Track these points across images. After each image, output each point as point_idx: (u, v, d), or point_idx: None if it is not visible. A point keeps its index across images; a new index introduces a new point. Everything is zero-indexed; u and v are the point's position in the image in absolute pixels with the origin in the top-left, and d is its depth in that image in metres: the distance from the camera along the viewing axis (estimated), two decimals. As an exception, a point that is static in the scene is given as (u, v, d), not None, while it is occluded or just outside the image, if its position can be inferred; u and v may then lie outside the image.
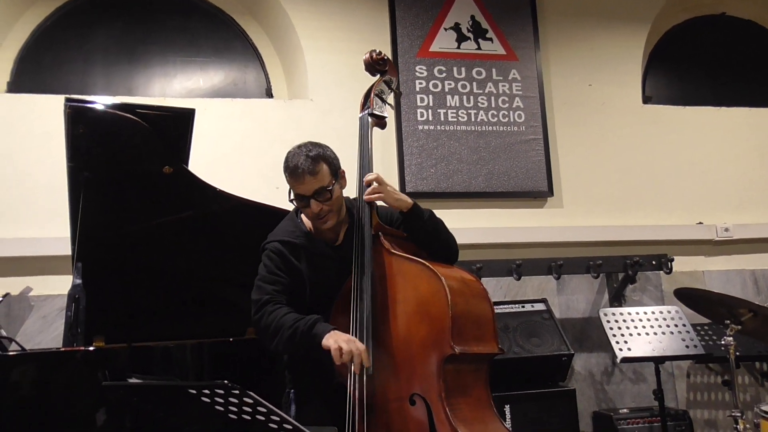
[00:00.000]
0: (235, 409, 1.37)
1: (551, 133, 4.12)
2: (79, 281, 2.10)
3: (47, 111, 3.46)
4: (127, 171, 2.38)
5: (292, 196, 2.08)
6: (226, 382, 1.27)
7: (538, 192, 4.02)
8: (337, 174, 2.09)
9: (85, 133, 2.21)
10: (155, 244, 2.54)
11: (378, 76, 2.32)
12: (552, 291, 3.93)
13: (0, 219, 3.38)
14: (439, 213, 3.77)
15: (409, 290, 1.92)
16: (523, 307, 3.57)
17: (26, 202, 3.41)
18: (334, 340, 1.84)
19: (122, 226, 2.45)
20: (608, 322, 3.30)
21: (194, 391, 1.34)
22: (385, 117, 2.28)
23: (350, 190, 2.30)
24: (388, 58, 2.34)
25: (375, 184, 2.02)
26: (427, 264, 1.93)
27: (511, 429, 3.10)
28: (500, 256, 3.79)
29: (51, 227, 3.30)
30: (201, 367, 2.26)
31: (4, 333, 2.80)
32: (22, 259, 3.30)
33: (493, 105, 4.03)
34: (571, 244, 3.96)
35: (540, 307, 3.60)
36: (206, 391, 1.33)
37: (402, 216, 2.08)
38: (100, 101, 2.29)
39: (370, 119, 2.22)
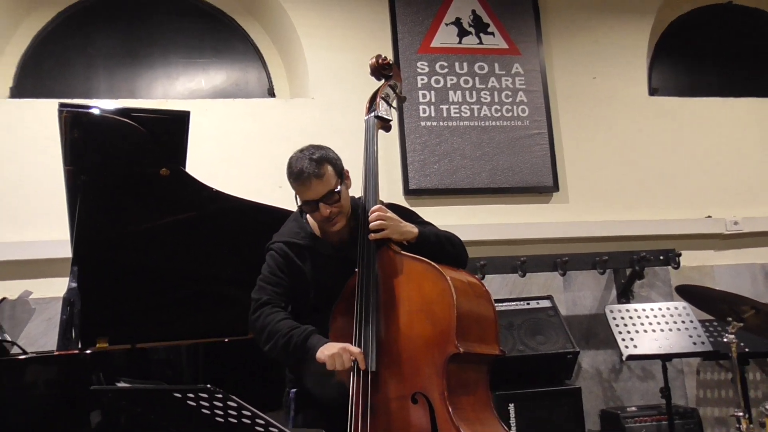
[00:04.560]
0: (220, 413, 1.36)
1: (556, 127, 4.08)
2: (74, 285, 2.10)
3: (49, 116, 3.37)
4: (123, 174, 2.39)
5: (299, 202, 2.04)
6: (208, 386, 1.26)
7: (543, 187, 3.98)
8: (342, 174, 2.05)
9: (80, 137, 2.22)
10: (154, 245, 2.54)
11: (383, 80, 2.30)
12: (558, 288, 3.89)
13: (4, 223, 3.40)
14: (442, 210, 3.85)
15: (414, 289, 1.90)
16: (528, 304, 3.54)
17: (30, 205, 3.42)
18: (330, 354, 1.81)
19: (120, 228, 2.46)
20: (614, 319, 3.27)
21: (179, 395, 1.32)
22: (391, 120, 2.25)
23: (355, 190, 2.28)
24: (393, 63, 2.33)
25: (378, 221, 1.94)
26: (433, 264, 1.90)
27: (513, 429, 3.13)
28: (505, 252, 3.76)
29: (54, 230, 3.30)
30: (196, 368, 2.26)
31: (8, 337, 2.82)
32: (27, 262, 3.32)
33: (496, 100, 3.99)
34: (577, 239, 3.92)
35: (545, 304, 3.56)
36: (191, 395, 1.31)
37: (409, 245, 2.01)
38: (96, 105, 2.29)
39: (375, 121, 2.19)
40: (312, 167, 1.96)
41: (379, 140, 3.83)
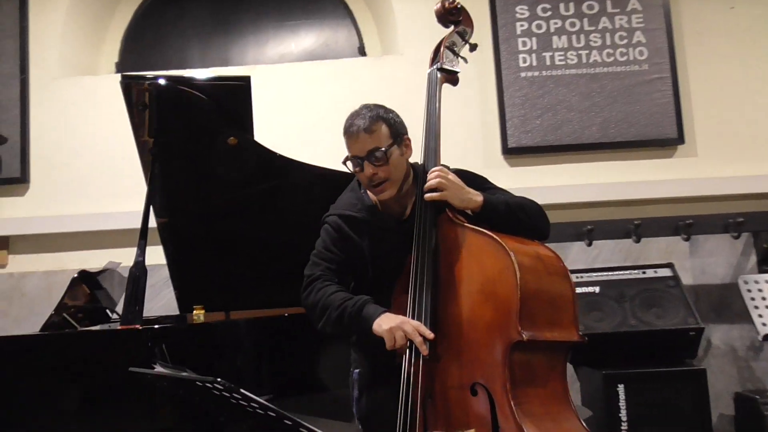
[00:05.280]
0: (244, 403, 1.26)
1: (681, 69, 3.53)
2: (141, 259, 2.10)
3: (148, 88, 3.57)
4: (191, 144, 2.36)
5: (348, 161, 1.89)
6: (215, 378, 1.15)
7: (666, 140, 3.48)
8: (399, 138, 1.86)
9: (143, 109, 2.19)
10: (228, 215, 2.53)
11: (452, 27, 2.06)
12: (683, 254, 3.42)
13: (112, 194, 3.59)
14: (545, 169, 3.50)
15: (474, 266, 1.68)
16: (643, 273, 3.12)
17: (137, 177, 3.57)
18: (388, 327, 1.66)
19: (194, 198, 2.46)
20: (749, 291, 2.81)
21: (200, 384, 1.24)
22: (457, 72, 2.01)
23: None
24: (462, 6, 2.07)
25: (437, 179, 1.75)
26: (495, 236, 1.66)
27: (623, 413, 2.81)
28: (619, 215, 3.36)
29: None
30: (257, 343, 2.20)
31: (115, 304, 2.97)
32: (130, 231, 3.47)
33: (608, 42, 3.52)
34: (706, 198, 3.40)
35: (665, 272, 3.12)
36: (208, 385, 1.22)
37: (474, 215, 1.79)
38: (160, 75, 2.25)
39: (438, 75, 1.97)
40: (364, 121, 1.80)
41: (473, 95, 3.54)
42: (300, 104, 3.64)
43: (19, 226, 3.47)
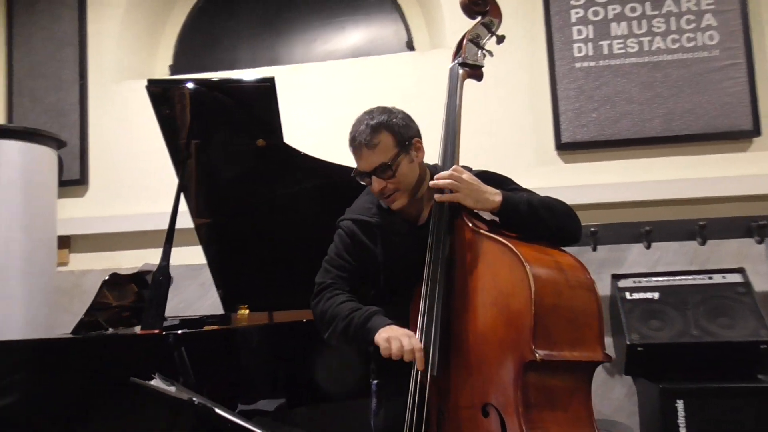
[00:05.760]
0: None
1: (759, 54, 3.20)
2: (165, 263, 2.11)
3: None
4: (220, 147, 2.36)
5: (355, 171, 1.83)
6: (191, 397, 1.11)
7: (739, 132, 3.17)
8: (405, 145, 1.76)
9: (171, 113, 2.20)
10: (264, 215, 2.53)
11: (477, 18, 1.94)
12: (758, 257, 3.10)
13: (167, 194, 3.64)
14: (602, 166, 3.28)
15: (488, 277, 1.57)
16: (710, 278, 2.85)
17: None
18: (387, 336, 1.58)
19: (228, 200, 2.47)
20: (831, 301, 2.49)
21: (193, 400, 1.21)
22: (481, 66, 1.89)
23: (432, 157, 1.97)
24: None
25: (448, 180, 1.64)
26: (510, 245, 1.54)
27: (682, 430, 2.58)
28: (684, 215, 3.10)
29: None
30: (274, 348, 2.17)
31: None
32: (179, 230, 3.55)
33: (673, 28, 3.24)
34: (786, 196, 3.07)
35: (735, 278, 2.84)
36: (193, 402, 1.19)
37: (494, 216, 1.69)
38: (184, 80, 2.26)
39: (460, 70, 1.86)
40: (365, 135, 1.72)
41: (523, 87, 3.34)
42: (346, 101, 3.58)
43: (79, 225, 3.62)
